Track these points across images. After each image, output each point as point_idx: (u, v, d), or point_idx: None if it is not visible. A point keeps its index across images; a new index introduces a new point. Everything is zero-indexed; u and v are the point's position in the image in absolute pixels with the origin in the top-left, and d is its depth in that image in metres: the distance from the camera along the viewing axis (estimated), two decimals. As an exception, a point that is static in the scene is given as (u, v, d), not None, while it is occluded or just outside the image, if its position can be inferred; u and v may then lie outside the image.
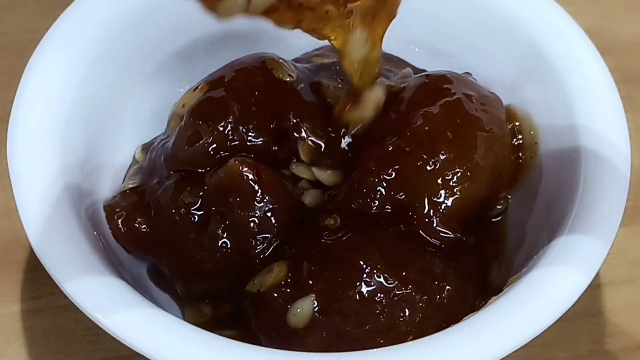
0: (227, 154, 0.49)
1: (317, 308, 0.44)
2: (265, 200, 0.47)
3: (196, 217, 0.48)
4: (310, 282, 0.45)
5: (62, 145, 0.47)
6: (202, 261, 0.47)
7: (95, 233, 0.47)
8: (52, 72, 0.49)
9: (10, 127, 0.47)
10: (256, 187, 0.47)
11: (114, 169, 0.53)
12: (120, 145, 0.54)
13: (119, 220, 0.49)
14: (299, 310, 0.44)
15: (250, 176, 0.47)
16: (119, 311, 0.41)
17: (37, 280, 0.54)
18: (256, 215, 0.47)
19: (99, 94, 0.51)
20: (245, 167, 0.47)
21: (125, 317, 0.41)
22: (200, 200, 0.48)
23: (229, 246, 0.47)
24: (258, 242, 0.47)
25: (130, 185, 0.51)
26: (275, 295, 0.45)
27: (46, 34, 0.50)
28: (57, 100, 0.48)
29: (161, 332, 0.41)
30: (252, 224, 0.47)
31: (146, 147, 0.54)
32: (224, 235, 0.47)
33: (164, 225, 0.49)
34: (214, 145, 0.49)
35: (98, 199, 0.50)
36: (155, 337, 0.41)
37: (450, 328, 0.42)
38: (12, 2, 0.67)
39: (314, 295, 0.44)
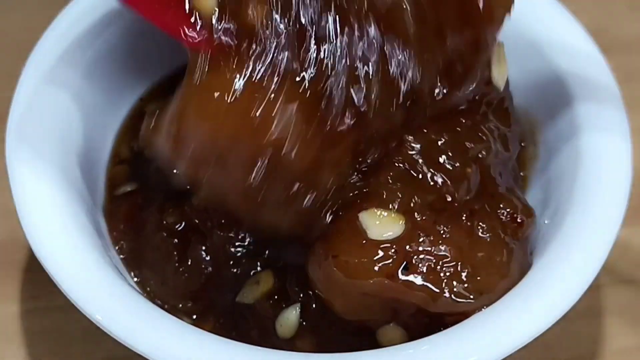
0: None
1: (303, 316, 0.44)
2: None
3: (177, 239, 0.47)
4: (296, 289, 0.45)
5: (61, 145, 0.47)
6: (186, 283, 0.47)
7: (94, 233, 0.47)
8: (51, 72, 0.49)
9: (9, 126, 0.47)
10: None
11: (113, 169, 0.53)
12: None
13: (118, 226, 0.49)
14: (285, 321, 0.44)
15: None
16: (118, 312, 0.41)
17: (36, 280, 0.54)
18: (237, 234, 0.46)
19: (98, 94, 0.51)
20: None
21: (125, 318, 0.41)
22: (183, 222, 0.47)
23: (210, 269, 0.47)
24: (239, 262, 0.46)
25: (129, 189, 0.51)
26: (262, 306, 0.45)
27: (44, 33, 0.50)
28: (56, 100, 0.48)
29: (161, 333, 0.41)
30: (231, 246, 0.46)
31: (126, 142, 0.53)
32: (206, 258, 0.47)
33: (148, 247, 0.48)
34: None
35: (97, 199, 0.50)
36: (155, 338, 0.41)
37: (450, 328, 0.42)
38: (12, 2, 0.67)
39: (299, 305, 0.44)
